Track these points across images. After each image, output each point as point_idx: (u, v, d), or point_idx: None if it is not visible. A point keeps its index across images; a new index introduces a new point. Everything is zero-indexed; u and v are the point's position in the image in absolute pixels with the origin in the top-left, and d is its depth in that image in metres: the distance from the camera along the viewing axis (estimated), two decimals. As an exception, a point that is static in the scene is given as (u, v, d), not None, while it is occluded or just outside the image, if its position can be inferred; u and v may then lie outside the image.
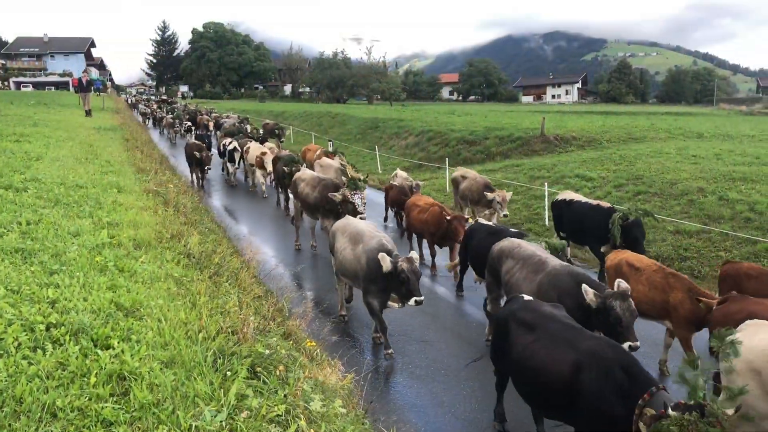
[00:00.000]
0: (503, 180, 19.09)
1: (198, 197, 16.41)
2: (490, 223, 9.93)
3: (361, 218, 10.51)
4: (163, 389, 3.88)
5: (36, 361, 3.96)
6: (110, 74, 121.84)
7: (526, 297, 5.94)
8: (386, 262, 7.32)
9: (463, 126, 30.17)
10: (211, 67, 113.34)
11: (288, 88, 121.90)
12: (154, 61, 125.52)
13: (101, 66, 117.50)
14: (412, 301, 7.18)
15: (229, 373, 4.30)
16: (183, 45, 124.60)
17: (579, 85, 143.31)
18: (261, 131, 28.04)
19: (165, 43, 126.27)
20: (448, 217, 10.70)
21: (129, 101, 68.18)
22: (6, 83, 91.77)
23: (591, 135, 25.17)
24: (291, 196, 15.89)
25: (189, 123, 34.26)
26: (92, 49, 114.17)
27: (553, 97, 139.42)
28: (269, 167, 17.85)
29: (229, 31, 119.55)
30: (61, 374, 3.89)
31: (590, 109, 69.44)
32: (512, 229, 9.45)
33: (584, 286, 5.94)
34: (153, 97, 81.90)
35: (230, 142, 21.79)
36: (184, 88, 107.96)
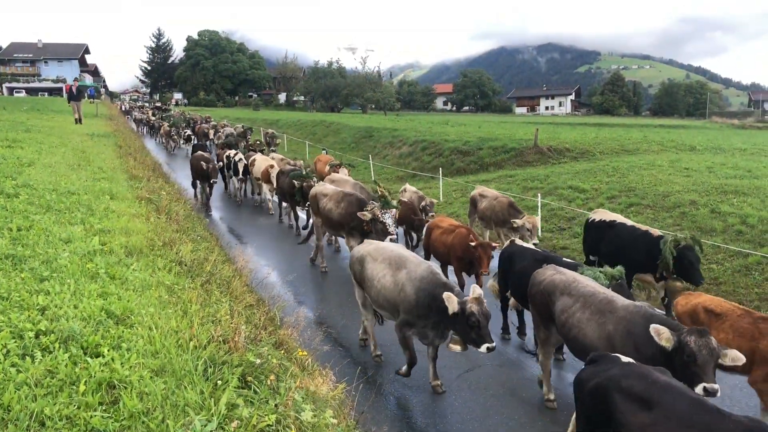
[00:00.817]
0: (496, 190, 19.13)
1: (201, 214, 15.88)
2: (532, 247, 8.90)
3: (391, 239, 9.93)
4: (153, 398, 3.85)
5: (24, 368, 3.92)
6: (104, 81, 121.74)
7: (624, 358, 4.88)
8: (453, 303, 6.37)
9: (457, 136, 30.27)
10: (206, 74, 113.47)
11: (282, 97, 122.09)
12: (149, 68, 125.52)
13: (95, 72, 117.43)
14: (483, 348, 6.29)
15: (219, 383, 4.27)
16: (178, 52, 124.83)
17: (572, 96, 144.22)
18: (262, 141, 27.14)
19: (159, 50, 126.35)
20: (473, 243, 9.72)
21: (123, 108, 67.75)
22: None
23: (584, 146, 25.30)
24: (294, 212, 15.51)
25: (189, 132, 32.91)
26: (86, 56, 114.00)
27: (547, 108, 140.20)
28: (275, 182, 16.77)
29: (224, 39, 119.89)
30: (50, 382, 3.85)
31: (583, 121, 69.83)
32: (565, 259, 8.38)
33: (654, 326, 5.19)
34: (147, 104, 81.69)
35: (236, 153, 20.05)
36: (178, 96, 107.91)
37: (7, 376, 3.80)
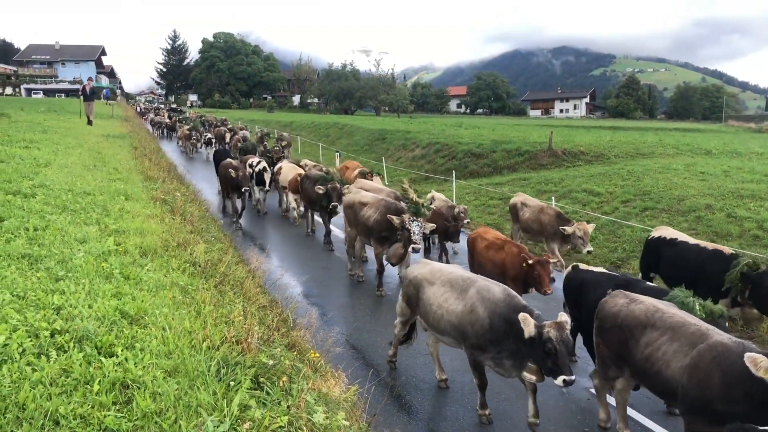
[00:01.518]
0: (510, 194, 19.07)
1: (233, 228, 15.17)
2: (604, 270, 7.92)
3: (414, 249, 9.97)
4: (166, 398, 3.86)
5: (40, 367, 3.94)
6: (120, 82, 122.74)
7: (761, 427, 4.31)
8: (530, 326, 5.81)
9: (471, 139, 30.20)
10: (221, 76, 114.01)
11: (296, 99, 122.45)
12: (164, 69, 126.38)
13: (111, 74, 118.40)
14: (559, 381, 5.67)
15: (232, 383, 4.28)
16: (193, 54, 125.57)
17: (587, 99, 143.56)
18: (280, 146, 26.06)
19: (175, 52, 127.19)
20: (530, 261, 8.88)
21: (138, 109, 67.94)
22: (17, 90, 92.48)
23: (599, 150, 25.15)
24: (325, 221, 14.65)
25: (209, 135, 32.01)
26: (103, 57, 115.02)
27: (561, 111, 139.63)
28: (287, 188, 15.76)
29: (239, 41, 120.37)
30: (65, 381, 3.87)
31: (598, 124, 69.43)
32: (649, 283, 7.65)
33: (749, 355, 4.65)
34: (162, 106, 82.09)
35: (258, 162, 18.44)
36: (193, 97, 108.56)
37: (23, 374, 3.83)
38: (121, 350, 4.40)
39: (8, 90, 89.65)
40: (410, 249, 10.06)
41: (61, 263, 6.16)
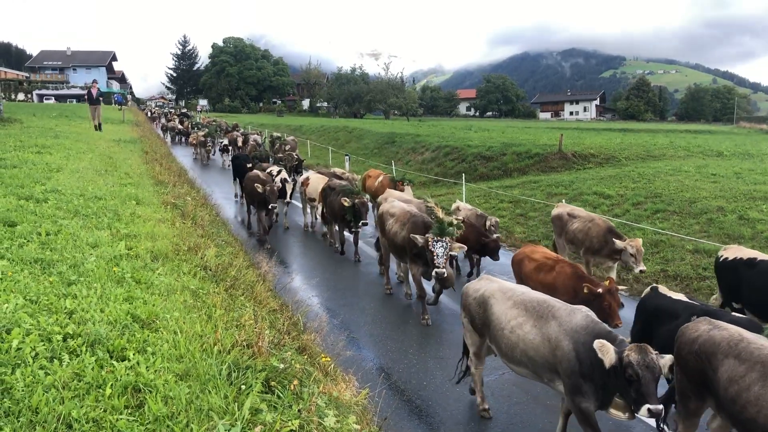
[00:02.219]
0: (521, 196, 19.03)
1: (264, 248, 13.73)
2: (683, 297, 6.85)
3: (437, 273, 9.08)
4: (177, 402, 3.88)
5: (53, 371, 3.97)
6: (131, 87, 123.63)
7: None
8: (609, 354, 5.09)
9: (480, 142, 30.16)
10: (231, 81, 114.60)
11: (306, 103, 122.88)
12: (174, 74, 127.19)
13: (122, 79, 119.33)
14: (643, 411, 4.92)
15: (243, 387, 4.29)
16: (203, 59, 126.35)
17: (597, 102, 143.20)
18: (283, 150, 25.40)
19: (185, 57, 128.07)
20: (599, 290, 7.43)
21: (149, 114, 68.04)
22: (29, 96, 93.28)
23: (609, 152, 25.06)
24: (341, 234, 14.12)
25: (225, 141, 30.65)
26: (114, 63, 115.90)
27: (571, 113, 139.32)
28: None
29: (248, 46, 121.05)
30: (77, 385, 3.89)
31: (608, 126, 69.22)
32: (739, 315, 6.68)
33: None
34: (172, 110, 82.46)
35: (279, 171, 17.05)
36: (203, 102, 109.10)
37: (36, 378, 3.85)
38: (133, 354, 4.42)
39: (20, 96, 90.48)
40: (434, 273, 9.18)
41: (73, 268, 6.20)
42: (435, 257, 9.05)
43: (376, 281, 12.27)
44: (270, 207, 14.20)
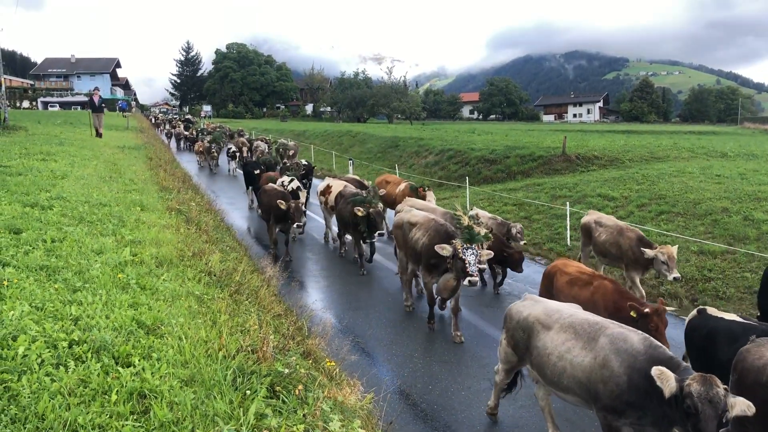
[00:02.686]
0: (524, 199, 19.02)
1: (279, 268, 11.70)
2: (737, 318, 6.19)
3: (470, 283, 8.52)
4: (182, 407, 3.88)
5: (58, 378, 3.98)
6: (135, 94, 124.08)
7: None
8: (669, 383, 4.59)
9: (484, 145, 30.17)
10: (234, 87, 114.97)
11: (309, 108, 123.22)
12: (178, 81, 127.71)
13: (126, 86, 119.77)
14: None
15: (248, 392, 4.29)
16: (206, 65, 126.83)
17: (600, 104, 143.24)
18: (288, 156, 25.04)
19: (189, 63, 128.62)
20: (645, 310, 6.79)
21: (153, 121, 68.05)
22: (34, 103, 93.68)
23: (613, 154, 25.04)
24: (358, 246, 13.18)
25: (233, 147, 29.78)
26: (117, 70, 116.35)
27: (575, 116, 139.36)
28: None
29: (251, 51, 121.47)
30: (83, 391, 3.90)
31: (612, 128, 69.17)
32: None
33: None
34: (176, 116, 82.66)
35: (291, 180, 16.26)
36: (207, 108, 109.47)
37: (42, 385, 3.86)
38: (138, 360, 4.43)
39: (25, 103, 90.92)
40: (466, 282, 8.55)
41: (78, 274, 6.22)
42: (467, 265, 8.52)
43: (381, 286, 12.28)
44: (297, 225, 13.66)
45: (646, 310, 6.78)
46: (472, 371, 8.29)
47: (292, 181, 16.30)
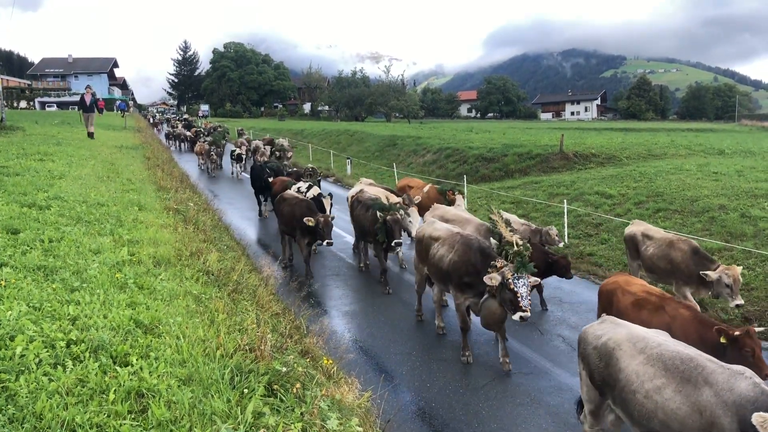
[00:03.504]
0: (522, 197, 19.04)
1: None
2: None
3: (521, 319, 7.26)
4: (180, 407, 3.90)
5: (56, 377, 3.99)
6: (132, 93, 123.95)
7: None
8: None
9: (482, 143, 30.19)
10: (232, 86, 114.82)
11: (307, 107, 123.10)
12: (176, 80, 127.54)
13: (124, 86, 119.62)
14: None
15: (246, 391, 4.30)
16: (204, 64, 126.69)
17: (598, 101, 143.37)
18: (285, 157, 24.27)
19: (186, 62, 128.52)
20: (736, 333, 5.89)
21: (151, 121, 67.73)
22: (31, 103, 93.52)
23: (610, 152, 25.05)
24: (384, 257, 11.97)
25: (237, 150, 28.48)
26: (115, 69, 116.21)
27: (572, 113, 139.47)
28: (413, 227, 11.56)
29: (249, 50, 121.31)
30: (81, 391, 3.91)
31: (610, 126, 69.22)
32: None
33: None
34: (174, 116, 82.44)
35: (309, 186, 14.65)
36: (204, 107, 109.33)
37: (40, 384, 3.87)
38: (136, 359, 4.44)
39: (23, 103, 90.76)
40: (517, 317, 7.31)
41: (76, 274, 6.23)
42: (519, 298, 7.28)
43: (379, 284, 12.28)
44: (325, 243, 11.76)
45: (737, 333, 5.92)
46: (471, 369, 8.30)
47: (310, 187, 14.69)
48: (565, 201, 16.10)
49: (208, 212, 15.04)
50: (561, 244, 11.21)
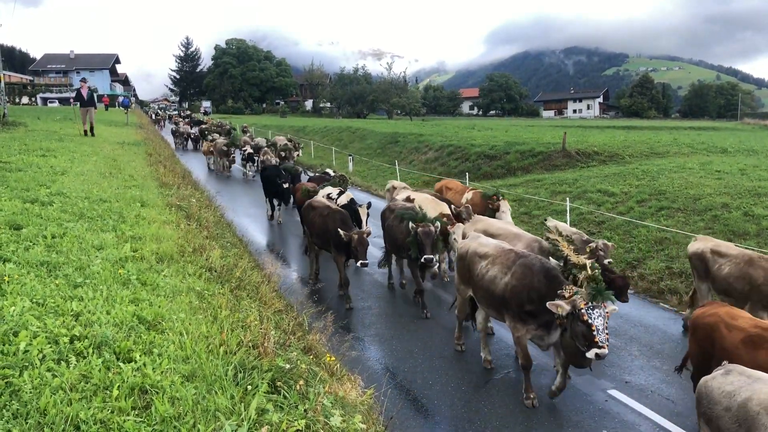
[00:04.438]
0: (524, 195, 19.02)
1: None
2: None
3: (598, 356, 6.09)
4: (184, 403, 3.89)
5: (60, 373, 3.99)
6: (134, 90, 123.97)
7: None
8: None
9: (484, 141, 30.15)
10: (234, 82, 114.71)
11: (309, 104, 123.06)
12: (178, 76, 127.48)
13: (126, 82, 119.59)
14: None
15: (249, 388, 4.30)
16: (206, 61, 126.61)
17: (600, 99, 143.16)
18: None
19: (188, 59, 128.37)
20: None
21: (153, 117, 67.55)
22: (33, 99, 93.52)
23: (613, 150, 25.01)
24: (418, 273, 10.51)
25: (249, 149, 27.15)
26: (117, 65, 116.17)
27: (575, 111, 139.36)
28: (458, 241, 10.10)
29: (251, 47, 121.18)
30: (84, 387, 3.91)
31: (612, 124, 69.08)
32: None
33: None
34: (176, 112, 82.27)
35: (340, 192, 13.44)
36: (206, 104, 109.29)
37: (44, 380, 3.87)
38: (140, 355, 4.44)
39: (25, 99, 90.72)
40: (592, 354, 6.13)
41: (79, 270, 6.23)
42: (595, 332, 6.08)
43: (380, 281, 12.28)
44: (359, 263, 10.35)
45: None
46: (474, 367, 8.30)
47: (341, 193, 13.31)
48: (567, 199, 16.08)
49: (211, 209, 15.03)
50: (608, 261, 9.62)
